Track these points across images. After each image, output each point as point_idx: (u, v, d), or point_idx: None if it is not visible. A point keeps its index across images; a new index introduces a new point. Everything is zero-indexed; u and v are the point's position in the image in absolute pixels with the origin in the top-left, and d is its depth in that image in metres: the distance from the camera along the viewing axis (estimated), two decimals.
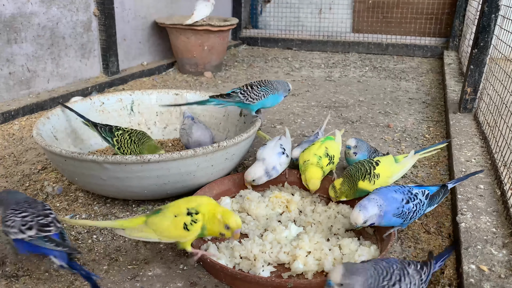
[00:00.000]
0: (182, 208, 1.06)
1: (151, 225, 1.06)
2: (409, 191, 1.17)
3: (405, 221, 1.16)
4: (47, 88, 2.43)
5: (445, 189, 1.23)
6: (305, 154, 1.47)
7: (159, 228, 1.05)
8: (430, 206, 1.20)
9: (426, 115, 2.34)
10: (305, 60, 3.79)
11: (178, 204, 1.09)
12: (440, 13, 4.02)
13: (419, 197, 1.17)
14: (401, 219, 1.14)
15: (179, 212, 1.05)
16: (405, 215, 1.14)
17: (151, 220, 1.07)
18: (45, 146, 1.31)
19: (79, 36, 2.58)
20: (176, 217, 1.05)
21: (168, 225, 1.05)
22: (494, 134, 1.64)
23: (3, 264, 1.11)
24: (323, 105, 2.51)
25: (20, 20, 2.20)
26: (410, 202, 1.15)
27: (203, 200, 1.09)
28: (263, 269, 1.07)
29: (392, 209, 1.13)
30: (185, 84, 2.95)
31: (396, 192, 1.16)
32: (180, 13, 3.49)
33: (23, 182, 1.54)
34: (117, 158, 1.21)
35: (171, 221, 1.05)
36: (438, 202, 1.22)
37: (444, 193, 1.23)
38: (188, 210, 1.05)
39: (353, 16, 4.34)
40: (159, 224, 1.06)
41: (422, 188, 1.20)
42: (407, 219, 1.16)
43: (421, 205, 1.17)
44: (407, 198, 1.15)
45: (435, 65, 3.63)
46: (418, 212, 1.17)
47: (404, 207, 1.14)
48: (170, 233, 1.05)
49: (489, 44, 1.97)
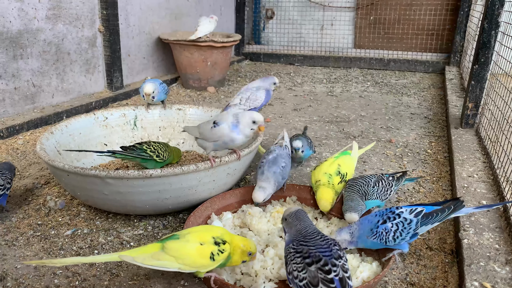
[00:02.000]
0: (207, 236, 1.02)
1: (170, 251, 0.99)
2: (391, 211, 1.13)
3: (388, 243, 1.11)
4: (51, 103, 2.45)
5: (456, 203, 1.14)
6: (316, 172, 1.46)
7: (182, 255, 0.99)
8: (426, 224, 1.12)
9: (428, 130, 2.35)
10: (307, 76, 3.82)
11: (200, 231, 1.05)
12: (441, 29, 4.05)
13: (403, 216, 1.11)
14: (379, 240, 1.11)
15: (204, 240, 1.01)
16: (382, 235, 1.10)
17: (170, 246, 1.00)
18: (48, 160, 1.32)
19: (84, 51, 2.62)
20: (202, 245, 1.00)
21: (192, 253, 0.99)
22: (496, 150, 1.64)
23: (4, 279, 1.11)
24: (325, 120, 2.52)
25: (26, 36, 2.23)
26: (388, 222, 1.11)
27: (223, 230, 1.07)
28: (264, 285, 1.07)
29: (365, 231, 1.12)
30: (188, 99, 2.97)
31: (375, 216, 1.14)
32: (183, 29, 3.54)
33: (26, 196, 1.55)
34: (120, 173, 1.22)
35: (196, 249, 0.99)
36: (443, 218, 1.13)
37: (454, 208, 1.13)
38: (214, 239, 1.02)
39: (355, 32, 4.39)
40: (181, 250, 0.99)
41: (413, 207, 1.14)
42: (389, 240, 1.10)
43: (406, 223, 1.10)
44: (384, 218, 1.12)
45: (437, 80, 3.65)
46: (404, 231, 1.10)
47: (379, 228, 1.11)
48: (194, 262, 0.99)
49: (489, 60, 1.98)
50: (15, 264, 1.17)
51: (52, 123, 2.31)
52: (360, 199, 1.31)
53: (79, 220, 1.41)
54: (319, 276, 0.89)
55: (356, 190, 1.34)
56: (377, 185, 1.35)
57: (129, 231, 1.34)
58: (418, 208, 1.13)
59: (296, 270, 0.92)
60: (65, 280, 1.11)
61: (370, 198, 1.32)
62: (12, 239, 1.28)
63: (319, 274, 0.89)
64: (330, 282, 0.88)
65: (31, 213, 1.44)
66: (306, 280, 0.90)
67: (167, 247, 1.00)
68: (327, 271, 0.90)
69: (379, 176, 1.39)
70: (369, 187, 1.34)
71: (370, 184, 1.34)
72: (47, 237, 1.30)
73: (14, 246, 1.25)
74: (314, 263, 0.91)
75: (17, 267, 1.16)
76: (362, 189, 1.33)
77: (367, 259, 1.17)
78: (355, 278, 1.08)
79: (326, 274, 0.89)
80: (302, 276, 0.90)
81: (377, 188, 1.34)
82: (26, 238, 1.29)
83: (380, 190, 1.35)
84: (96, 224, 1.38)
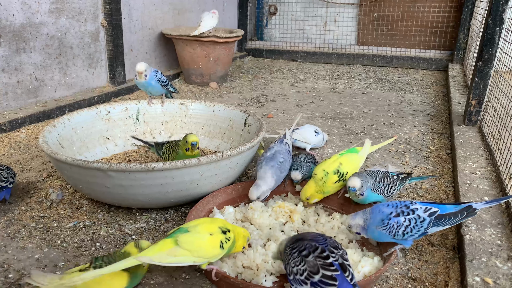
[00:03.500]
0: (214, 227, 1.05)
1: (185, 245, 1.00)
2: (406, 205, 1.12)
3: (396, 236, 1.11)
4: (54, 97, 2.45)
5: (469, 210, 1.11)
6: (317, 167, 1.45)
7: (196, 248, 1.00)
8: (437, 225, 1.11)
9: (431, 127, 2.34)
10: (310, 72, 3.81)
11: (206, 223, 1.06)
12: (444, 26, 4.04)
13: (417, 213, 1.10)
14: (388, 232, 1.11)
15: (213, 231, 1.04)
16: (392, 228, 1.10)
17: (184, 239, 1.01)
18: (50, 153, 1.32)
19: (86, 46, 2.61)
20: (212, 235, 1.03)
21: (206, 244, 1.02)
22: (499, 147, 1.63)
23: (6, 271, 1.11)
24: (328, 116, 2.52)
25: (29, 30, 2.23)
26: (401, 216, 1.10)
27: (220, 220, 1.10)
28: (265, 279, 1.07)
29: (375, 221, 1.12)
30: (190, 94, 2.97)
31: (387, 206, 1.13)
32: (186, 25, 3.53)
33: (28, 189, 1.55)
34: (122, 166, 1.22)
35: (208, 240, 1.02)
36: (455, 223, 1.11)
37: (467, 215, 1.11)
38: (221, 229, 1.05)
39: (358, 29, 4.37)
40: (195, 242, 1.01)
41: (427, 205, 1.13)
42: (398, 234, 1.10)
43: (418, 221, 1.10)
44: (398, 211, 1.11)
45: (440, 77, 3.64)
46: (415, 228, 1.10)
47: (391, 220, 1.10)
48: (207, 252, 1.01)
49: (493, 57, 1.98)
50: (17, 256, 1.18)
51: (54, 117, 2.31)
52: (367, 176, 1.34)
53: (81, 213, 1.41)
54: (318, 263, 0.88)
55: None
56: (382, 181, 1.35)
57: (131, 224, 1.35)
58: (433, 208, 1.12)
59: (295, 265, 0.90)
60: None
61: (374, 191, 1.33)
62: (14, 231, 1.29)
63: (318, 262, 0.88)
64: (330, 265, 0.87)
65: (33, 205, 1.44)
66: (306, 271, 0.88)
67: (181, 240, 1.00)
68: (326, 257, 0.89)
69: (385, 173, 1.39)
70: (375, 181, 1.34)
71: (376, 178, 1.35)
72: (49, 229, 1.30)
73: (16, 238, 1.26)
74: (311, 253, 0.90)
75: (19, 259, 1.16)
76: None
77: (369, 254, 1.17)
78: (356, 272, 1.08)
79: (325, 259, 0.88)
80: (301, 269, 0.89)
81: (381, 184, 1.34)
82: (28, 231, 1.29)
83: (385, 187, 1.35)
84: (98, 217, 1.39)
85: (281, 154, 1.47)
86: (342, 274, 0.87)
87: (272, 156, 1.46)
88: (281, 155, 1.47)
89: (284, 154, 1.49)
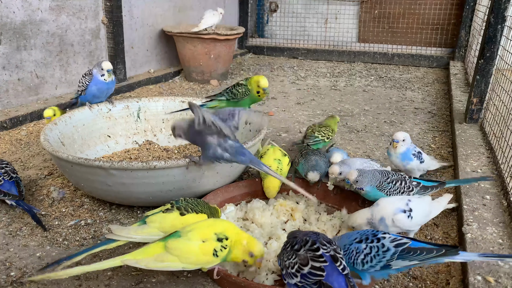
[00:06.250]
0: (209, 232, 1.00)
1: (173, 251, 0.98)
2: (373, 233, 1.02)
3: (355, 265, 0.99)
4: (55, 94, 2.45)
5: (450, 249, 0.97)
6: (265, 161, 1.46)
7: (185, 254, 0.98)
8: (403, 259, 0.97)
9: (432, 125, 2.34)
10: (311, 69, 3.80)
11: (202, 227, 1.02)
12: (446, 23, 4.02)
13: (381, 241, 0.99)
14: (348, 259, 1.00)
15: (206, 237, 1.00)
16: (351, 254, 1.00)
17: (173, 245, 0.99)
18: (52, 151, 1.32)
19: (87, 43, 2.61)
20: (204, 242, 0.99)
21: (195, 251, 0.98)
22: (501, 145, 1.63)
23: (8, 269, 1.12)
24: (328, 114, 2.51)
25: (30, 27, 2.23)
26: (363, 242, 1.00)
27: (227, 225, 1.04)
28: (267, 277, 1.07)
29: (340, 245, 1.03)
30: (191, 92, 2.97)
31: (356, 232, 1.05)
32: (187, 22, 3.52)
33: (30, 187, 1.55)
34: (123, 164, 1.22)
35: (198, 247, 0.98)
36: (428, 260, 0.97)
37: (446, 253, 0.96)
38: (217, 236, 1.00)
39: (359, 26, 4.36)
40: (184, 249, 0.98)
41: (399, 236, 1.00)
42: (357, 263, 0.99)
43: (381, 250, 0.97)
44: (362, 238, 1.01)
45: (441, 75, 3.63)
46: (376, 258, 0.97)
47: (352, 245, 1.01)
48: (198, 260, 0.99)
49: (495, 54, 1.97)
50: (19, 254, 1.18)
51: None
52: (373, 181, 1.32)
53: (83, 211, 1.41)
54: (308, 255, 0.89)
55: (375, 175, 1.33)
56: (393, 183, 1.31)
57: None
58: (403, 240, 0.99)
59: (287, 259, 0.92)
60: None
61: (380, 190, 1.31)
62: (16, 229, 1.29)
63: (308, 254, 0.89)
64: (319, 257, 0.88)
65: (35, 203, 1.44)
66: (297, 264, 0.89)
67: (170, 247, 0.99)
68: (316, 249, 0.90)
69: (402, 177, 1.33)
70: (385, 181, 1.30)
71: (388, 179, 1.31)
72: (50, 227, 1.31)
73: (18, 236, 1.26)
74: (302, 247, 0.91)
75: (21, 257, 1.16)
76: (378, 178, 1.32)
77: None
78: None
79: (315, 251, 0.89)
80: (293, 263, 0.90)
81: (391, 186, 1.30)
82: (30, 228, 1.29)
83: (395, 190, 1.30)
84: (100, 215, 1.39)
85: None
86: (332, 265, 0.88)
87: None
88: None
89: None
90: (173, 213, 1.12)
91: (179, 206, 1.14)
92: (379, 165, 1.49)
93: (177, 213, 1.12)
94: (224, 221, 1.09)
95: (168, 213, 1.12)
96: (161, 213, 1.13)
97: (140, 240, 1.10)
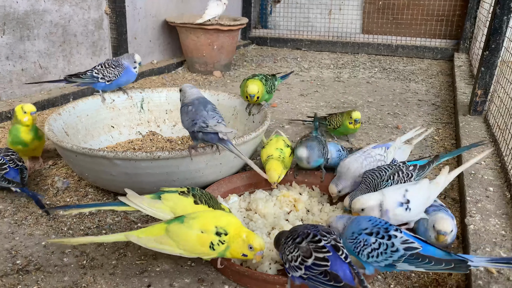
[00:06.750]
0: (210, 225, 1.00)
1: (172, 235, 1.00)
2: (386, 228, 0.98)
3: (360, 255, 0.98)
4: (58, 85, 2.45)
5: (459, 264, 0.93)
6: (267, 149, 1.46)
7: (182, 241, 0.99)
8: (410, 263, 0.94)
9: (435, 117, 2.33)
10: (314, 61, 3.79)
11: (205, 218, 1.02)
12: (451, 15, 3.99)
13: (392, 240, 0.95)
14: (353, 247, 0.99)
15: (206, 229, 0.99)
16: (358, 244, 0.98)
17: (173, 229, 1.00)
18: (56, 141, 1.33)
19: (90, 34, 2.60)
20: (203, 233, 0.99)
21: (193, 240, 0.99)
22: (505, 137, 1.63)
23: (14, 257, 1.13)
24: (332, 106, 2.51)
25: (33, 17, 2.22)
26: (373, 236, 0.97)
27: (231, 219, 1.03)
28: (270, 266, 1.08)
29: (349, 232, 1.02)
30: (194, 83, 2.96)
31: (368, 221, 1.02)
32: (190, 12, 3.51)
33: (34, 177, 1.56)
34: (127, 154, 1.23)
35: (196, 237, 0.99)
36: (434, 270, 0.95)
37: (454, 267, 0.92)
38: (216, 229, 0.99)
39: (363, 17, 4.33)
40: (182, 236, 0.99)
41: (413, 239, 0.97)
42: (363, 254, 0.97)
43: (389, 249, 0.95)
44: (373, 230, 0.98)
45: (445, 67, 3.61)
46: (382, 255, 0.95)
47: (361, 235, 0.98)
48: (194, 248, 0.99)
49: (500, 46, 1.96)
50: (24, 242, 1.19)
51: (59, 105, 2.31)
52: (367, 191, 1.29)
53: (87, 201, 1.42)
54: (311, 247, 0.91)
55: (368, 182, 1.30)
56: (391, 178, 1.28)
57: (136, 212, 1.35)
58: (415, 243, 0.96)
59: (289, 253, 0.94)
60: (74, 259, 1.13)
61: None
62: (21, 218, 1.30)
63: (310, 246, 0.91)
64: (322, 248, 0.90)
65: (40, 193, 1.45)
66: (300, 257, 0.91)
67: (170, 230, 1.00)
68: (318, 240, 0.92)
69: (397, 168, 1.30)
70: (382, 181, 1.28)
71: (384, 177, 1.28)
72: (55, 216, 1.32)
73: (23, 225, 1.27)
74: (303, 240, 0.93)
75: (27, 246, 1.17)
76: (373, 182, 1.29)
77: None
78: None
79: (317, 243, 0.91)
80: (295, 256, 0.92)
81: (391, 182, 1.27)
82: (35, 218, 1.31)
83: (395, 184, 1.26)
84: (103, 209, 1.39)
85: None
86: (335, 254, 0.90)
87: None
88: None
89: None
90: (188, 198, 1.13)
91: (194, 193, 1.15)
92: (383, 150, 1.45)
93: (191, 200, 1.13)
94: (230, 216, 1.06)
95: (183, 196, 1.13)
96: (177, 194, 1.14)
97: (150, 213, 1.11)
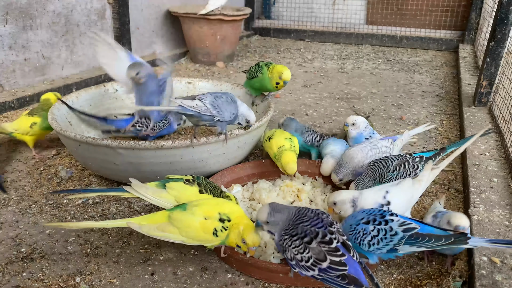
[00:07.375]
0: (214, 211, 1.00)
1: (175, 222, 0.99)
2: (381, 214, 1.01)
3: (362, 246, 0.99)
4: (61, 75, 2.45)
5: (459, 237, 0.96)
6: (277, 141, 1.44)
7: (185, 228, 0.99)
8: (411, 244, 0.96)
9: (440, 108, 2.32)
10: (318, 52, 3.76)
11: (208, 205, 1.02)
12: (456, 5, 3.95)
13: (389, 225, 0.98)
14: (353, 239, 1.00)
15: (210, 215, 0.99)
16: (358, 235, 0.99)
17: (176, 216, 1.00)
18: (60, 130, 1.33)
19: (93, 24, 2.59)
20: (206, 220, 0.99)
21: (196, 226, 0.98)
22: (509, 128, 1.62)
23: (19, 245, 1.13)
24: (336, 97, 2.50)
25: (35, 7, 2.21)
26: (370, 224, 0.99)
27: (234, 208, 1.03)
28: (273, 255, 1.08)
29: (346, 225, 1.04)
30: (197, 74, 2.95)
31: (363, 212, 1.04)
32: (193, 2, 3.48)
33: (38, 166, 1.57)
34: (131, 144, 1.23)
35: (199, 223, 0.98)
36: (436, 247, 0.97)
37: (455, 241, 0.96)
38: (220, 216, 1.00)
39: (367, 8, 4.29)
40: (185, 222, 0.99)
41: (408, 220, 1.00)
42: (364, 244, 0.99)
43: (388, 234, 0.97)
44: (369, 219, 1.00)
45: (450, 58, 3.58)
46: (383, 240, 0.97)
47: (359, 226, 1.00)
48: (197, 235, 0.99)
49: (506, 36, 1.94)
50: (28, 231, 1.20)
51: (62, 95, 2.30)
52: (371, 182, 1.28)
53: None
54: (323, 249, 0.90)
55: (374, 170, 1.28)
56: (397, 169, 1.25)
57: (139, 201, 1.36)
58: (412, 224, 0.98)
59: (298, 253, 0.92)
60: (78, 247, 1.13)
61: (385, 181, 1.25)
62: (25, 207, 1.31)
63: (322, 248, 0.90)
64: (336, 250, 0.90)
65: (44, 182, 1.46)
66: (312, 258, 0.90)
67: (173, 217, 1.00)
68: (329, 242, 0.91)
69: (403, 159, 1.28)
70: (388, 171, 1.26)
71: (390, 167, 1.26)
72: (59, 205, 1.32)
73: (27, 213, 1.28)
74: (313, 239, 0.91)
75: (31, 234, 1.18)
76: (379, 171, 1.27)
77: None
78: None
79: (329, 244, 0.90)
80: (306, 257, 0.91)
81: (397, 173, 1.25)
82: (39, 206, 1.31)
83: (401, 175, 1.25)
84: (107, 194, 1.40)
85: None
86: (349, 257, 0.90)
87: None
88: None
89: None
90: (193, 187, 1.13)
91: (200, 182, 1.15)
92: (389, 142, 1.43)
93: (196, 189, 1.13)
94: (233, 204, 1.06)
95: (188, 185, 1.13)
96: (182, 183, 1.13)
97: (154, 202, 1.11)
